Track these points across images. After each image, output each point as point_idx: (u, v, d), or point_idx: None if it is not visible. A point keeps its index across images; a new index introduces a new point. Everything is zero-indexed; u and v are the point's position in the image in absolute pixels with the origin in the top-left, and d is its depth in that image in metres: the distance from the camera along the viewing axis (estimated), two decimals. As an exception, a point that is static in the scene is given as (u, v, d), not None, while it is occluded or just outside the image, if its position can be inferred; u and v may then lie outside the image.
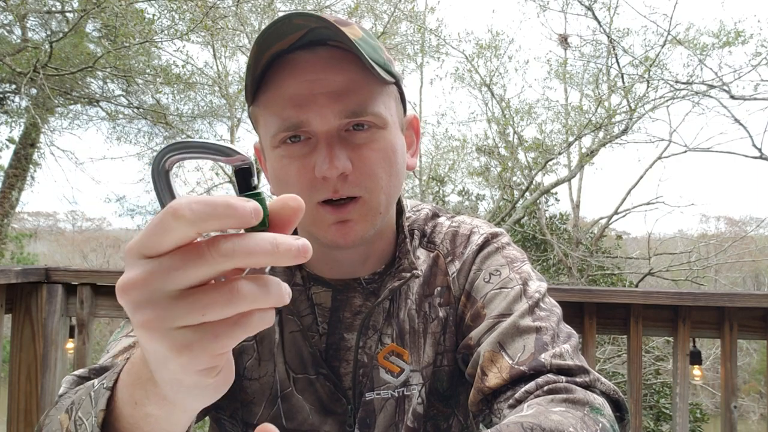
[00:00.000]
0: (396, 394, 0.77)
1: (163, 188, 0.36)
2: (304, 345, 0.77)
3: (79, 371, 0.67)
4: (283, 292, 0.34)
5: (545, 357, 0.66)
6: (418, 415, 0.77)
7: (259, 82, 0.69)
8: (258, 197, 0.34)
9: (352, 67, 0.67)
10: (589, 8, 8.32)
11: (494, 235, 0.82)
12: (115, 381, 0.48)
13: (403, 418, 0.77)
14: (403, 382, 0.77)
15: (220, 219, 0.31)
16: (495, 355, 0.69)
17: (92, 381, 0.55)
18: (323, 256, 0.78)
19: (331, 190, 0.67)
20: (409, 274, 0.76)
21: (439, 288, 0.80)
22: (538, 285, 0.75)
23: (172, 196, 0.36)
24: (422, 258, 0.81)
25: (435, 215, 0.86)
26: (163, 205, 0.36)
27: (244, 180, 0.36)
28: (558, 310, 0.74)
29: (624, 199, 9.76)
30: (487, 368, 0.69)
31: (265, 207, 0.34)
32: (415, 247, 0.82)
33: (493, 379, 0.67)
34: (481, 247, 0.80)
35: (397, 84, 0.74)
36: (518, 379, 0.66)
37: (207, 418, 0.86)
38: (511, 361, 0.67)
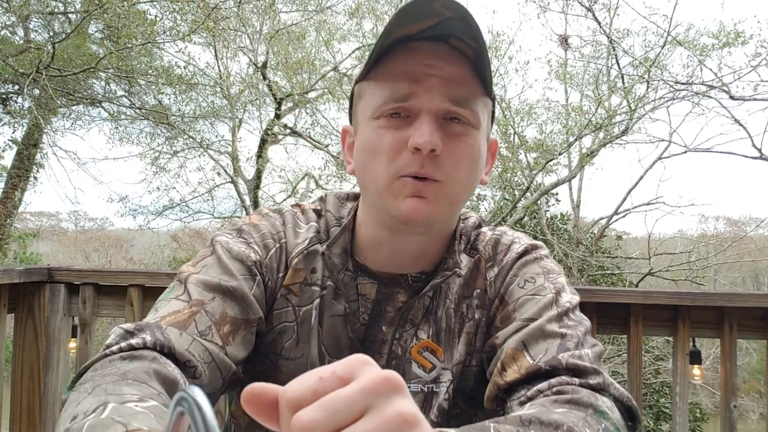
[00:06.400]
0: (425, 389, 0.79)
1: None
2: (344, 330, 0.79)
3: (126, 325, 0.65)
4: None
5: (563, 356, 0.68)
6: (443, 411, 0.79)
7: (377, 60, 0.72)
8: None
9: (465, 66, 0.72)
10: (590, 9, 8.32)
11: (534, 247, 0.85)
12: None
13: (428, 413, 0.78)
14: (434, 378, 0.79)
15: None
16: (517, 353, 0.70)
17: (107, 401, 0.50)
18: (379, 246, 0.79)
19: (418, 164, 0.69)
20: (450, 273, 0.79)
21: (478, 290, 0.82)
22: (570, 297, 0.77)
23: None
24: (464, 262, 0.84)
25: (479, 225, 0.89)
26: None
27: None
28: (587, 323, 0.76)
29: (624, 199, 9.75)
30: (507, 364, 0.70)
31: None
32: (460, 251, 0.84)
33: (511, 374, 0.69)
34: (521, 256, 0.83)
35: (494, 102, 0.78)
36: (534, 376, 0.67)
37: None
38: (532, 361, 0.69)
